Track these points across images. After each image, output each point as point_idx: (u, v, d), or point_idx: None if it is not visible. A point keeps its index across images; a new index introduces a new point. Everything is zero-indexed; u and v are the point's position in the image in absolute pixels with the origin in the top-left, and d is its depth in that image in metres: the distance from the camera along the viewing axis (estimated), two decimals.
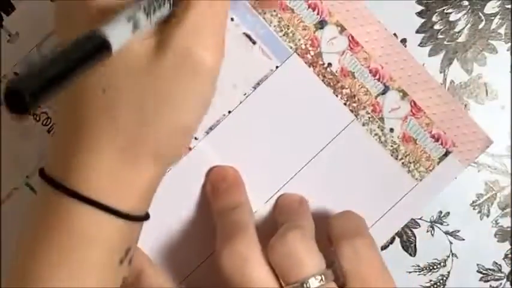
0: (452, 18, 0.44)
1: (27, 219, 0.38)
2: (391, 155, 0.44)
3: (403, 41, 0.44)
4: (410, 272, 0.45)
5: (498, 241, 0.44)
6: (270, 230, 0.40)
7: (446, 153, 0.44)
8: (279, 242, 0.39)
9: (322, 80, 0.44)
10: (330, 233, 0.42)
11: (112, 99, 0.35)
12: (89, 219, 0.35)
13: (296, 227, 0.40)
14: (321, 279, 0.39)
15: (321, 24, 0.44)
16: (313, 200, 0.45)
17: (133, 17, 0.31)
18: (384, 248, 0.45)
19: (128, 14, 0.31)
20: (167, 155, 0.37)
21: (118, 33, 0.29)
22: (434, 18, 0.44)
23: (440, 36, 0.44)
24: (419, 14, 0.44)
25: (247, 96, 0.44)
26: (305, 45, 0.44)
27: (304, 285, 0.38)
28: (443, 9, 0.44)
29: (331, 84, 0.44)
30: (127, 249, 0.38)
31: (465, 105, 0.44)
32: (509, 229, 0.44)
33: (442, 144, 0.44)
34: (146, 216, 0.38)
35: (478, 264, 0.45)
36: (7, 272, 0.45)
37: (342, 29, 0.44)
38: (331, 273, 0.39)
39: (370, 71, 0.44)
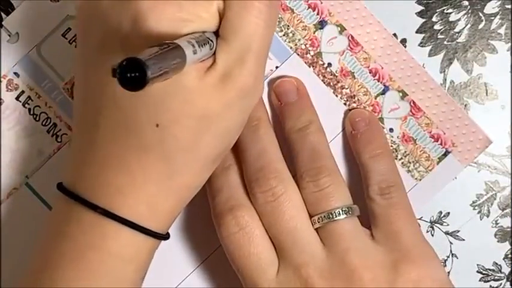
0: (452, 18, 0.44)
1: (45, 235, 0.38)
2: None
3: (403, 41, 0.44)
4: None
5: (498, 241, 0.44)
6: None
7: (446, 153, 0.44)
8: (309, 182, 0.40)
9: (322, 80, 0.44)
10: (362, 174, 0.42)
11: (165, 133, 0.35)
12: (125, 239, 0.36)
13: (324, 168, 0.41)
14: (347, 211, 0.40)
15: (321, 24, 0.44)
16: None
17: (191, 42, 0.33)
18: None
19: (187, 38, 0.33)
20: (200, 182, 0.39)
21: (186, 50, 0.32)
22: (434, 18, 0.44)
23: (440, 36, 0.44)
24: (419, 14, 0.44)
25: None
26: (305, 45, 0.44)
27: (330, 216, 0.39)
28: (443, 9, 0.44)
29: (331, 84, 0.44)
30: (148, 266, 0.39)
31: (465, 105, 0.44)
32: (509, 229, 0.44)
33: (441, 144, 0.44)
34: (168, 234, 0.39)
35: (478, 265, 0.45)
36: (7, 272, 0.45)
37: (342, 29, 0.44)
38: (358, 209, 0.41)
39: (370, 71, 0.44)
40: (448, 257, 0.45)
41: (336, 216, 0.39)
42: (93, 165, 0.37)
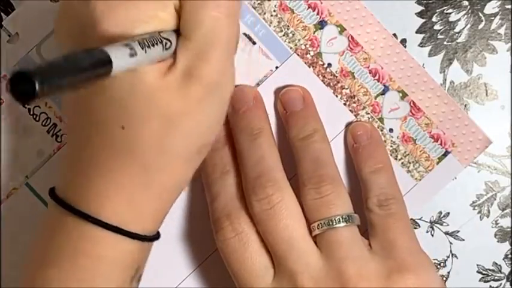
0: (452, 18, 0.44)
1: (38, 238, 0.38)
2: (391, 155, 0.44)
3: (403, 41, 0.44)
4: None
5: (498, 241, 0.44)
6: None
7: (446, 153, 0.44)
8: (310, 189, 0.40)
9: (322, 81, 0.44)
10: (362, 187, 0.42)
11: (132, 135, 0.35)
12: (106, 242, 0.36)
13: (326, 176, 0.41)
14: (347, 219, 0.40)
15: (321, 25, 0.44)
16: None
17: (129, 44, 0.32)
18: None
19: (124, 42, 0.32)
20: (185, 179, 0.38)
21: (117, 54, 0.31)
22: (434, 19, 0.44)
23: (440, 37, 0.44)
24: (419, 14, 0.44)
25: None
26: (305, 45, 0.44)
27: (330, 223, 0.39)
28: (443, 9, 0.44)
29: (331, 84, 0.44)
30: (138, 268, 0.38)
31: (465, 106, 0.44)
32: (509, 229, 0.44)
33: (441, 144, 0.44)
34: (158, 235, 0.39)
35: (478, 265, 0.45)
36: (7, 272, 0.45)
37: (342, 29, 0.44)
38: (358, 218, 0.41)
39: (370, 72, 0.44)
40: (448, 257, 0.45)
41: (335, 224, 0.39)
42: (75, 170, 0.36)
